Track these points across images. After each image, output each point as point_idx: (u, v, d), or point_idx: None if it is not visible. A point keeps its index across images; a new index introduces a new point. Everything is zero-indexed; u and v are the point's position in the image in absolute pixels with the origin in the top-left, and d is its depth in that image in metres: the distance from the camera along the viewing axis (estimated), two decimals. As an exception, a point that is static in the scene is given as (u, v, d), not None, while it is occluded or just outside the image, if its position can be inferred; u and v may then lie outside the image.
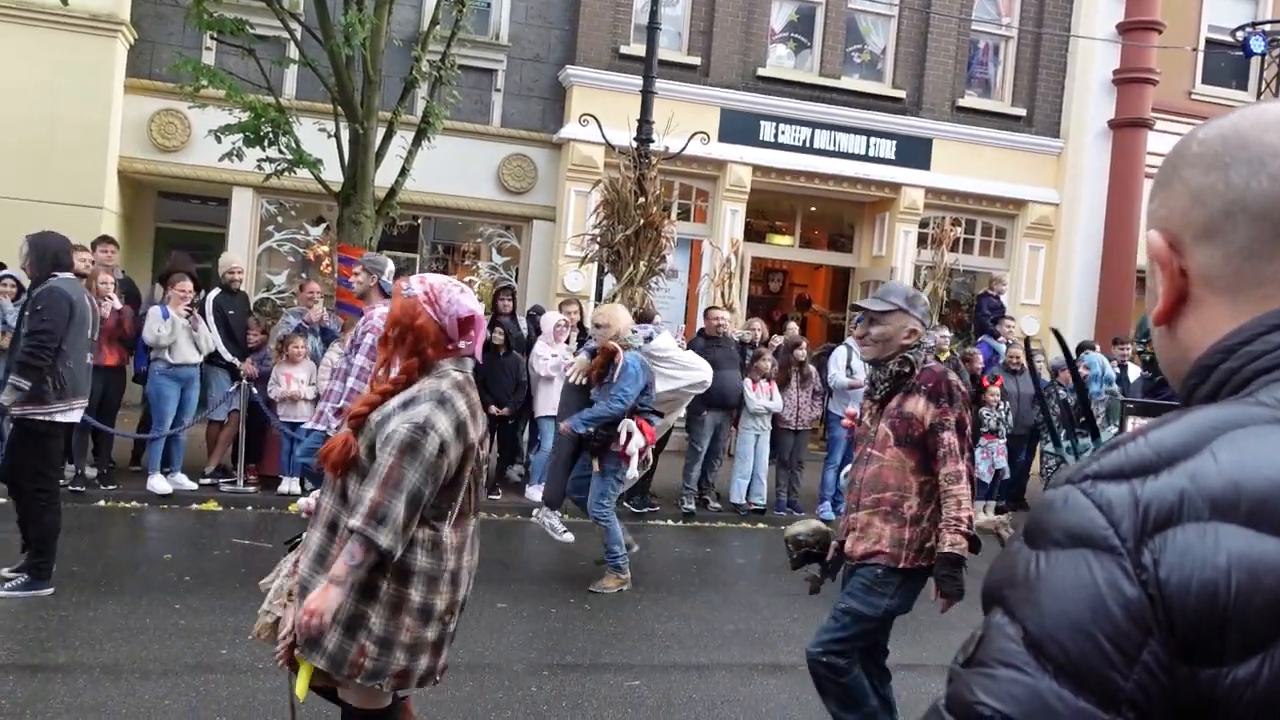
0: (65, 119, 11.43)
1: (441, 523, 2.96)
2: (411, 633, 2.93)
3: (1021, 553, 0.84)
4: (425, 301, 2.97)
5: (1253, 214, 0.89)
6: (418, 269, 13.60)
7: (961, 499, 3.60)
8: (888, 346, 3.82)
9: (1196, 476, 0.79)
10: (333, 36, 9.40)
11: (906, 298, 3.85)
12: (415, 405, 2.89)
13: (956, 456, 3.63)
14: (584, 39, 13.35)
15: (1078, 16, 14.83)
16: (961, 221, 14.68)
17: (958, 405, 3.69)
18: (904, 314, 3.79)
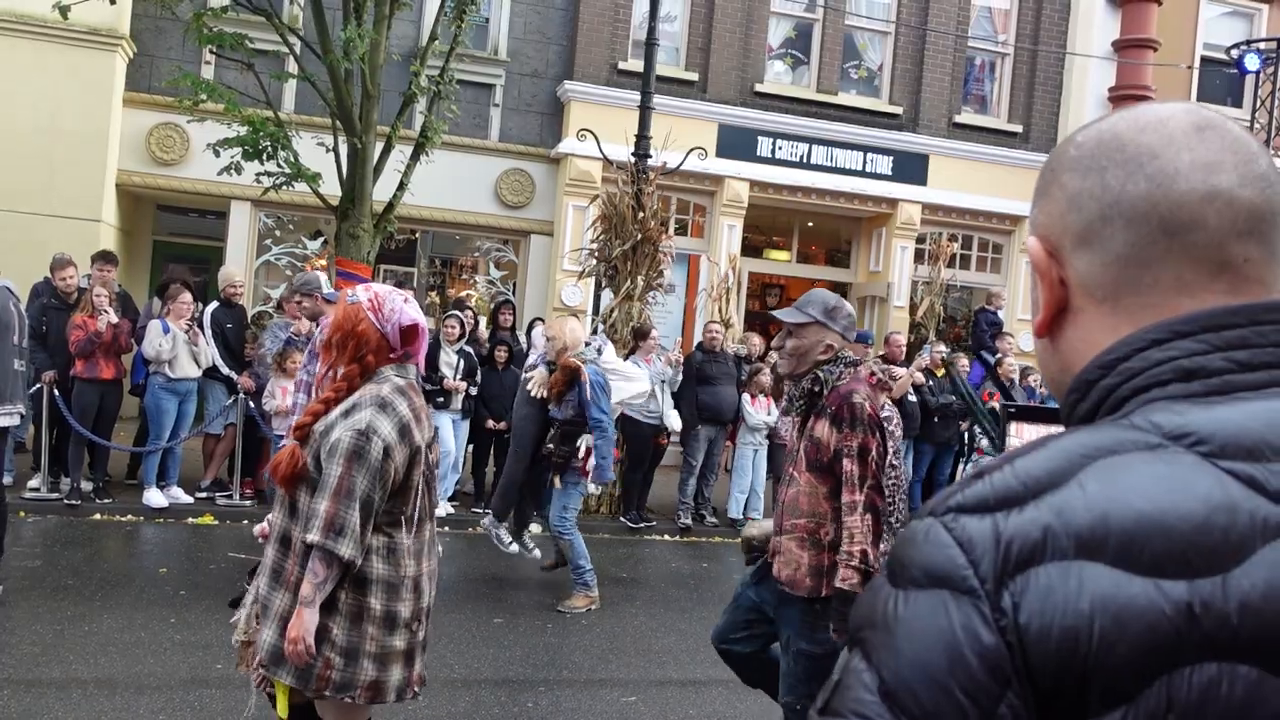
0: (64, 132, 11.45)
1: (396, 529, 2.94)
2: (377, 642, 2.90)
3: (883, 590, 0.78)
4: (369, 309, 2.96)
5: (1129, 217, 0.85)
6: (415, 283, 13.62)
7: (854, 531, 3.39)
8: (802, 361, 3.63)
9: (1063, 511, 0.73)
10: (332, 51, 9.42)
11: (826, 309, 3.64)
12: (357, 412, 2.87)
13: (854, 485, 3.41)
14: (582, 54, 13.40)
15: (1074, 34, 14.91)
16: (958, 237, 14.73)
17: (860, 430, 3.43)
18: (822, 327, 3.61)
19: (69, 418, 8.26)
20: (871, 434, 3.44)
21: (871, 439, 3.44)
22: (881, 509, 3.45)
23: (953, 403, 10.39)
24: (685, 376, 9.99)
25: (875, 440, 3.44)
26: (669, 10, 13.22)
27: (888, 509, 3.53)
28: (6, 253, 10.14)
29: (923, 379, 10.29)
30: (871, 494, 3.41)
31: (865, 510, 3.39)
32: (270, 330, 9.33)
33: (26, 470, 8.97)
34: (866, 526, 3.37)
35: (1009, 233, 15.08)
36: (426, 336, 3.10)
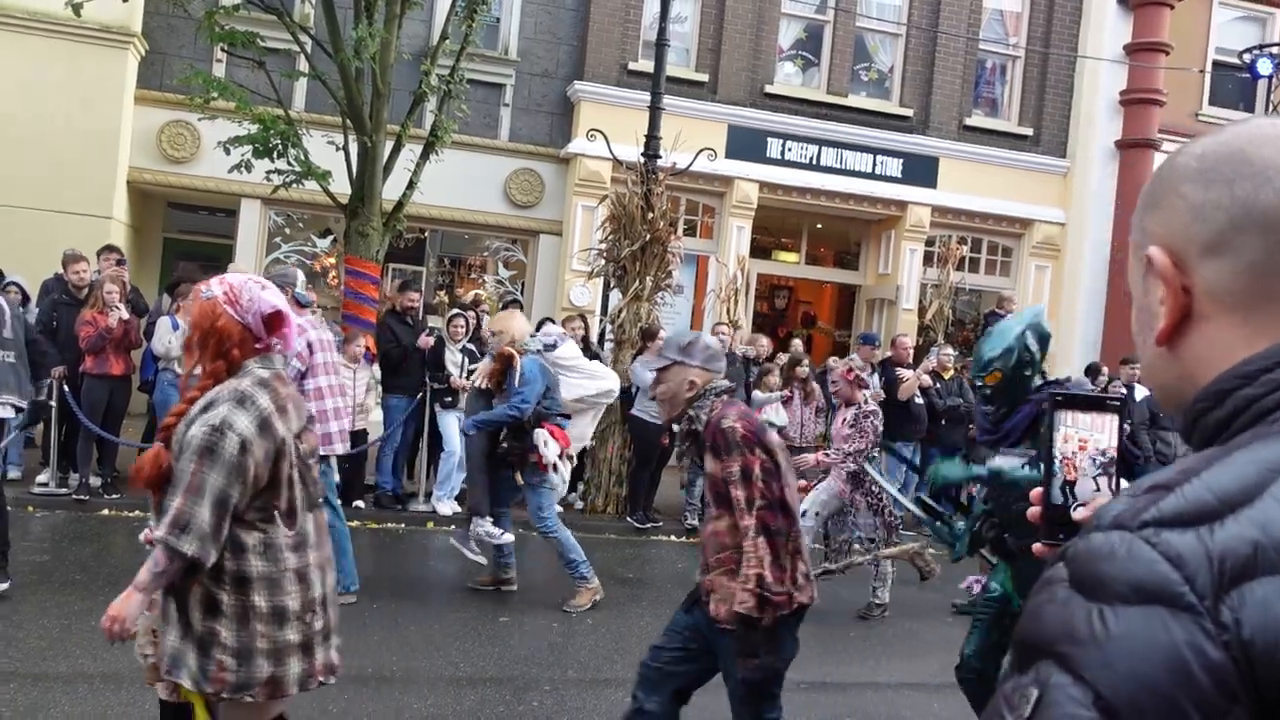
0: (76, 129, 11.49)
1: (270, 524, 2.87)
2: (268, 638, 2.85)
3: (1075, 604, 0.78)
4: (225, 302, 2.87)
5: (1262, 226, 0.88)
6: (424, 282, 13.64)
7: (748, 555, 3.33)
8: (674, 404, 3.66)
9: (1267, 525, 0.74)
10: (343, 50, 9.44)
11: (680, 348, 3.66)
12: (213, 408, 2.79)
13: (742, 510, 3.37)
14: (592, 55, 13.40)
15: (1085, 37, 14.86)
16: (968, 240, 14.70)
17: (736, 452, 3.39)
18: (682, 366, 3.62)
19: (78, 413, 8.29)
20: (749, 453, 3.39)
21: (752, 458, 3.39)
22: (776, 528, 3.37)
23: (960, 405, 10.37)
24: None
25: (757, 458, 3.39)
26: (679, 11, 13.22)
27: (784, 526, 3.41)
28: (18, 249, 10.19)
29: (930, 381, 10.27)
30: (763, 515, 3.36)
31: (757, 533, 3.34)
32: None
33: (35, 465, 9.00)
34: (762, 549, 3.32)
35: (1018, 236, 15.04)
36: (293, 323, 3.01)
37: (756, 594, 3.30)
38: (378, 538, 8.61)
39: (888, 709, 5.52)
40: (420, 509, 9.33)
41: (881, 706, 5.55)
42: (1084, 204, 14.71)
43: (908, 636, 7.01)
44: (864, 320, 14.96)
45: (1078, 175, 14.81)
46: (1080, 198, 14.77)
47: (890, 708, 5.55)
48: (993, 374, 4.06)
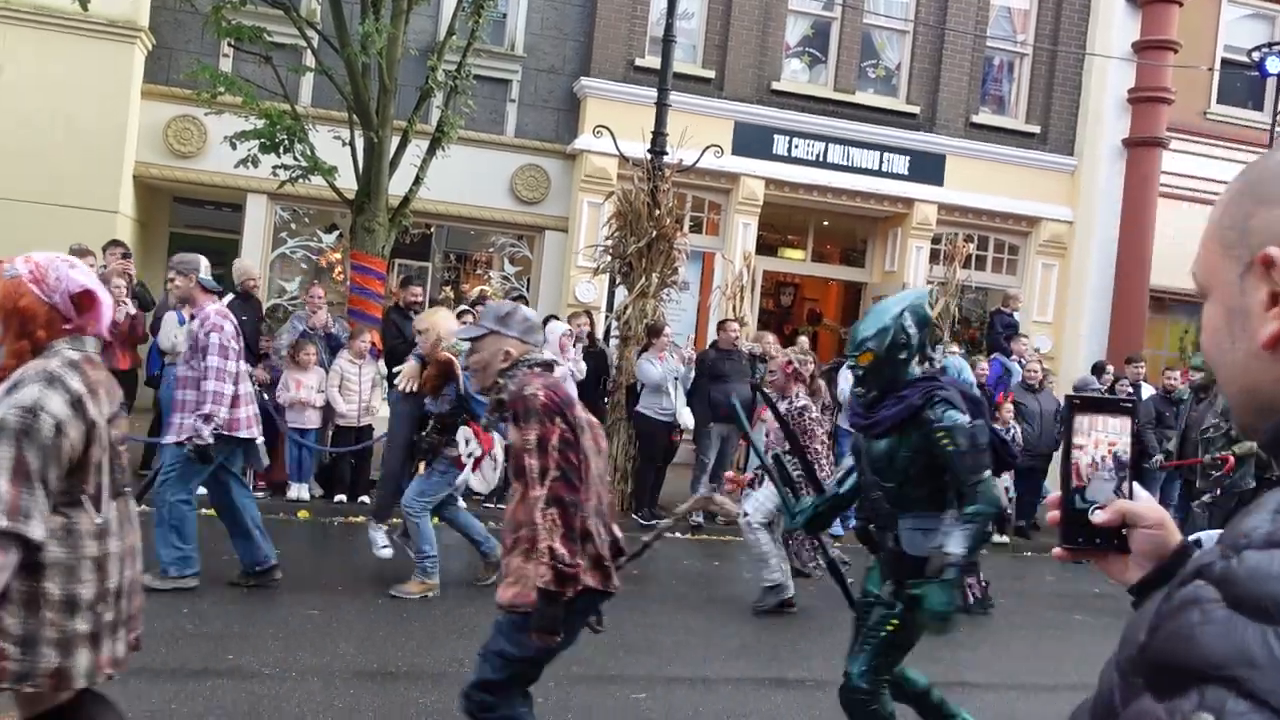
0: (82, 124, 11.50)
1: (75, 509, 2.76)
2: (57, 627, 2.72)
3: (1242, 626, 0.75)
4: (30, 280, 2.76)
5: None
6: (429, 277, 13.64)
7: (539, 527, 3.19)
8: (487, 374, 3.55)
9: None
10: (349, 45, 9.44)
11: (498, 317, 3.57)
12: (21, 388, 2.67)
13: (534, 480, 3.22)
14: (599, 51, 13.39)
15: (1093, 35, 14.82)
16: (974, 238, 14.67)
17: (535, 420, 3.25)
18: (498, 336, 3.52)
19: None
20: (549, 422, 3.25)
21: (550, 427, 3.24)
22: (570, 500, 3.22)
23: None
24: (698, 374, 9.99)
25: (556, 428, 3.25)
26: (686, 7, 13.19)
27: (579, 500, 3.26)
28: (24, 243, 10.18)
29: None
30: (556, 486, 3.21)
31: (549, 504, 3.19)
32: (290, 323, 9.38)
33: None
34: (552, 521, 3.18)
35: (1025, 234, 15.01)
36: (107, 304, 2.90)
37: (553, 566, 3.15)
38: (383, 533, 8.61)
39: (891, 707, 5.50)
40: (425, 505, 9.32)
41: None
42: (1091, 202, 14.67)
43: (913, 635, 6.99)
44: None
45: (1085, 173, 14.77)
46: (1088, 196, 14.73)
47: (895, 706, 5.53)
48: (865, 354, 3.86)
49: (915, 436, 3.79)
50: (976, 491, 3.69)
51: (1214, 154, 14.44)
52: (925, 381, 3.87)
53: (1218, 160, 14.20)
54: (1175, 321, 15.48)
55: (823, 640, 6.66)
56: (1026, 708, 5.75)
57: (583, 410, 3.47)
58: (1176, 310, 15.36)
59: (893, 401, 3.84)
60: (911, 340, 3.86)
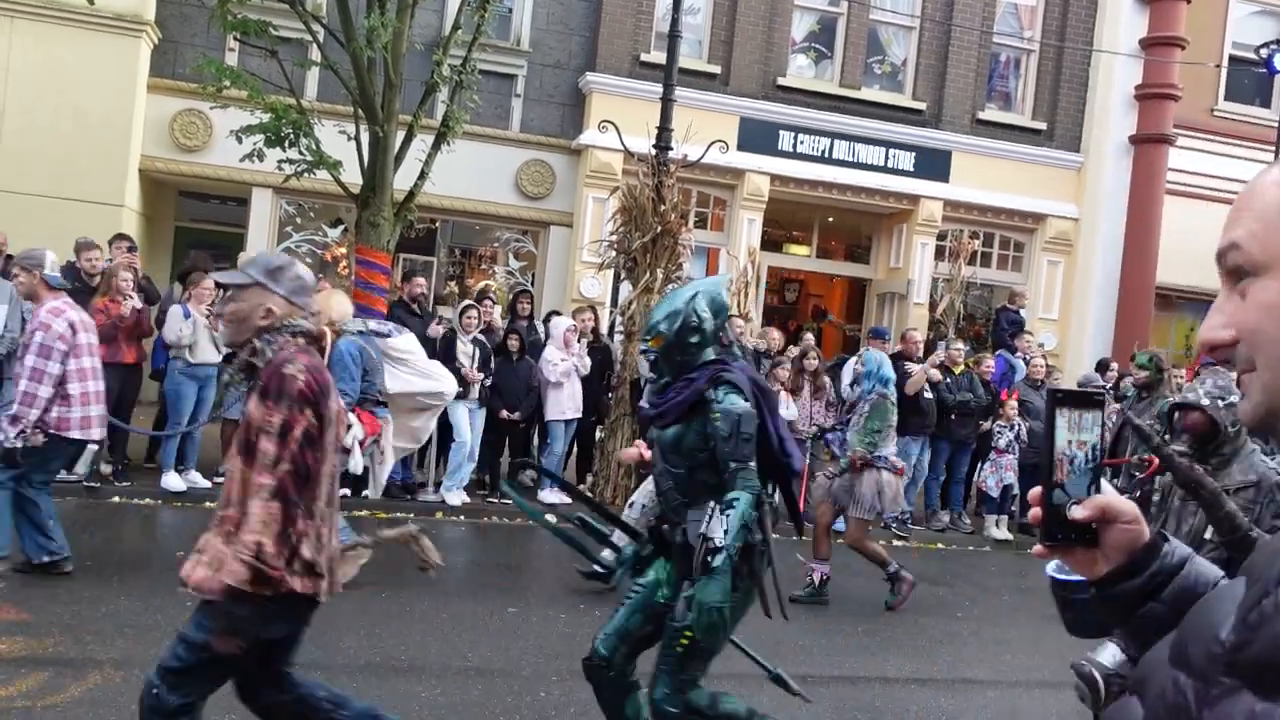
0: (88, 117, 11.51)
1: None
2: None
3: None
4: None
5: None
6: (434, 272, 13.64)
7: (253, 517, 2.94)
8: (242, 329, 3.19)
9: None
10: (355, 39, 9.44)
11: (268, 270, 3.23)
12: None
13: (265, 467, 2.97)
14: (604, 46, 13.37)
15: (1100, 31, 14.78)
16: (980, 234, 14.64)
17: (285, 405, 2.99)
18: (263, 290, 3.19)
19: (89, 401, 8.30)
20: (299, 411, 3.00)
21: (298, 416, 3.00)
22: (296, 498, 2.99)
23: (970, 400, 10.34)
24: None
25: (304, 419, 3.01)
26: (692, 2, 13.18)
27: (304, 498, 3.02)
28: (30, 236, 10.21)
29: (939, 375, 10.24)
30: (286, 479, 2.97)
31: (273, 496, 2.94)
32: None
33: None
34: (270, 515, 2.93)
35: (1031, 231, 14.98)
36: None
37: (253, 565, 2.90)
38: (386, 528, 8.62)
39: (895, 704, 5.52)
40: (429, 499, 9.34)
41: (889, 702, 5.55)
42: (1097, 199, 14.64)
43: (916, 632, 7.00)
44: (875, 314, 14.93)
45: (1091, 170, 14.74)
46: (1094, 193, 14.69)
47: (898, 703, 5.54)
48: (655, 337, 3.74)
49: (701, 420, 3.66)
50: (735, 478, 3.55)
51: (1221, 151, 14.40)
52: (714, 364, 3.73)
53: (1225, 157, 14.16)
54: (1181, 319, 15.45)
55: (824, 637, 6.66)
56: (1029, 704, 5.75)
57: (337, 399, 3.23)
58: (1182, 308, 15.32)
59: (681, 385, 3.73)
60: (704, 325, 3.73)
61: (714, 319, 3.76)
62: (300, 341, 3.19)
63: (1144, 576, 1.23)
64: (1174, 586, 1.23)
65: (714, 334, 3.77)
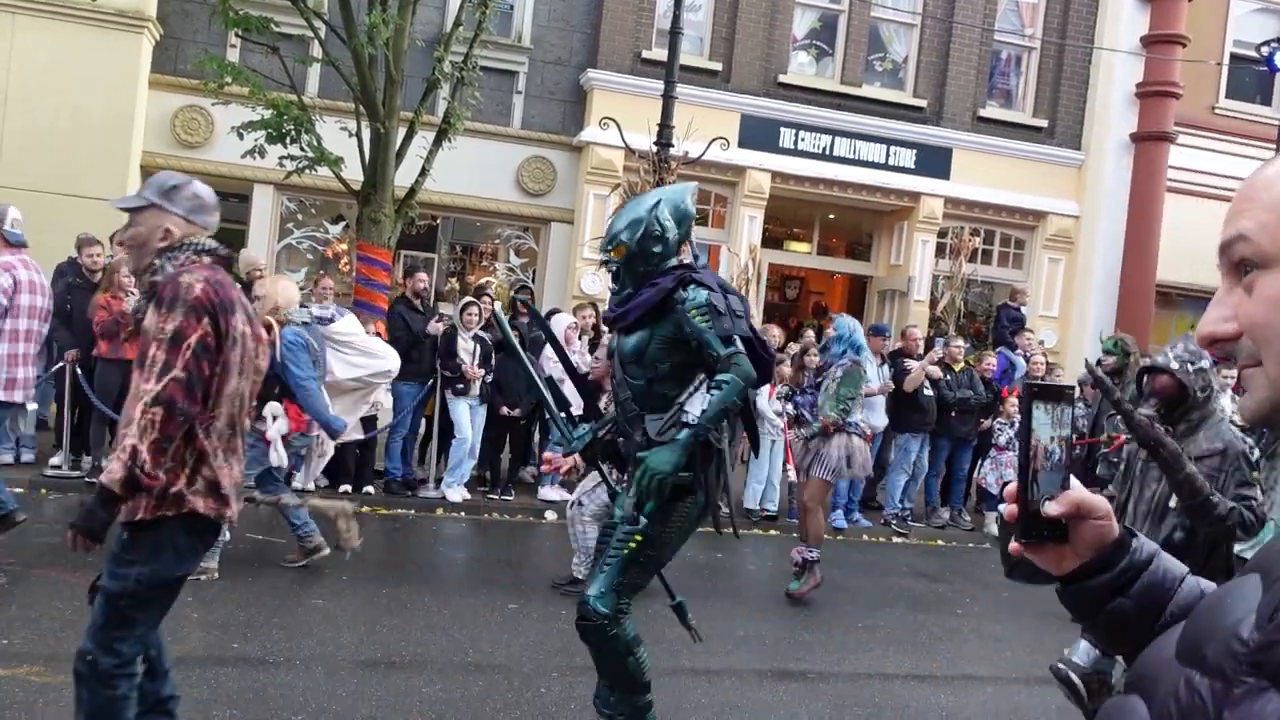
0: (89, 113, 11.52)
1: None
2: None
3: None
4: None
5: None
6: (435, 269, 13.65)
7: (131, 421, 2.81)
8: (143, 252, 3.11)
9: None
10: (356, 36, 9.45)
11: (163, 190, 3.14)
12: None
13: (152, 373, 2.82)
14: (606, 43, 13.38)
15: (1101, 29, 14.77)
16: (980, 232, 14.64)
17: (180, 312, 2.87)
18: (160, 211, 3.10)
19: (91, 397, 8.34)
20: (193, 318, 2.88)
21: (193, 324, 2.88)
22: (182, 408, 2.85)
23: (970, 397, 10.35)
24: (703, 366, 10.00)
25: (199, 328, 2.89)
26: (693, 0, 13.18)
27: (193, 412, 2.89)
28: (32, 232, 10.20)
29: (939, 372, 10.25)
30: (173, 387, 2.83)
31: (156, 403, 2.80)
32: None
33: (48, 448, 9.05)
34: (150, 421, 2.79)
35: (1032, 228, 14.98)
36: None
37: (128, 466, 2.77)
38: (387, 524, 8.64)
39: (895, 700, 5.53)
40: (430, 495, 9.36)
41: (889, 698, 5.56)
42: (1098, 197, 14.64)
43: (915, 628, 7.01)
44: (875, 311, 14.93)
45: (1092, 168, 14.74)
46: (1094, 190, 14.69)
47: (897, 699, 5.55)
48: (618, 247, 3.62)
49: (667, 325, 3.56)
50: (730, 363, 3.44)
51: (1222, 149, 14.40)
52: (680, 268, 3.65)
53: (1225, 155, 14.16)
54: (1182, 317, 15.44)
55: (824, 633, 6.68)
56: (1028, 701, 5.76)
57: (246, 323, 3.10)
58: (1183, 305, 15.33)
59: (647, 289, 3.62)
60: (667, 233, 3.65)
61: (677, 228, 3.67)
62: (205, 260, 3.10)
63: (1114, 572, 1.23)
64: (1142, 582, 1.23)
65: (677, 243, 3.68)
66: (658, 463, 3.40)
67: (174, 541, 2.97)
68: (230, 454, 3.08)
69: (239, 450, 3.14)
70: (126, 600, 2.96)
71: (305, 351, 6.51)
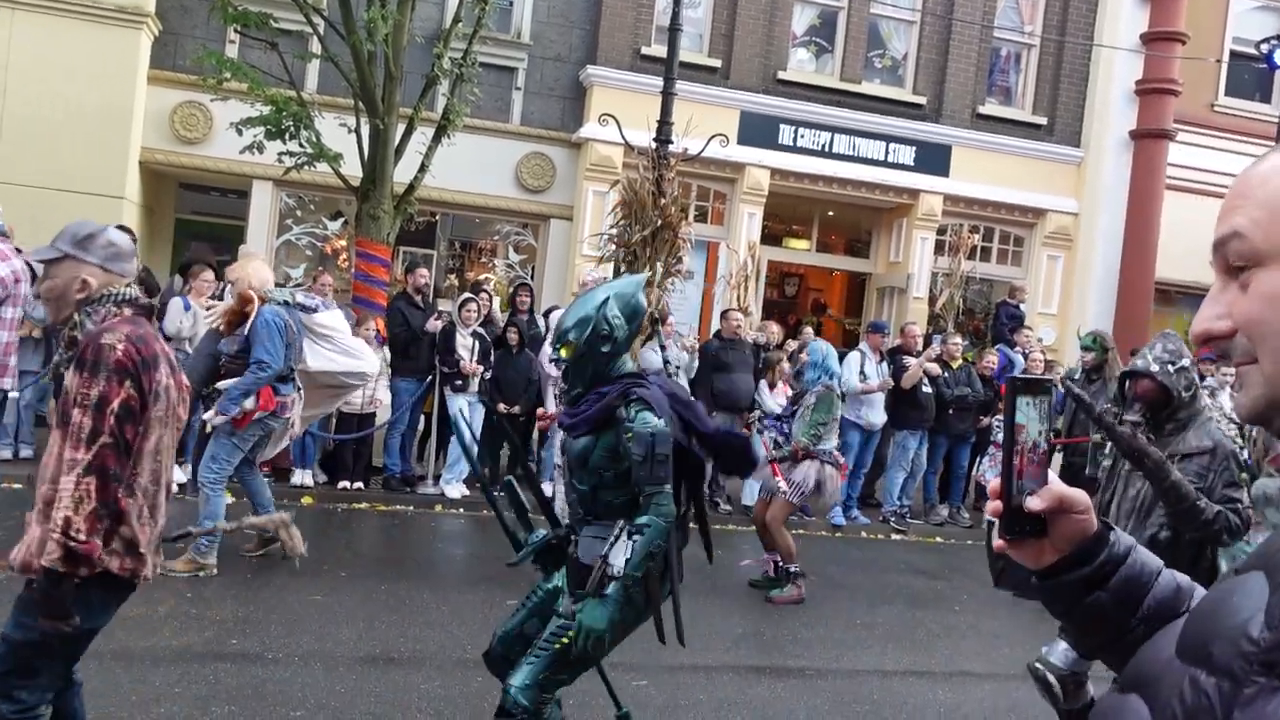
0: (88, 109, 11.50)
1: None
2: None
3: None
4: None
5: None
6: (434, 265, 13.64)
7: (64, 495, 2.78)
8: (62, 305, 3.07)
9: None
10: (355, 32, 9.44)
11: (76, 239, 3.06)
12: None
13: (80, 441, 2.81)
14: (605, 39, 13.36)
15: (1101, 26, 14.76)
16: (979, 229, 14.63)
17: (102, 376, 2.84)
18: (75, 261, 3.03)
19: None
20: (116, 383, 2.85)
21: (115, 389, 2.85)
22: (114, 473, 2.84)
23: (968, 394, 10.35)
24: (701, 364, 10.01)
25: (122, 391, 2.86)
26: (693, -4, 13.16)
27: (123, 474, 2.88)
28: (30, 228, 10.22)
29: (937, 369, 10.25)
30: (104, 454, 2.82)
31: (88, 472, 2.79)
32: None
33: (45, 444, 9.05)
34: (85, 492, 2.78)
35: (1031, 225, 14.98)
36: None
37: (62, 543, 2.75)
38: (386, 520, 8.65)
39: (893, 697, 5.54)
40: (429, 492, 9.36)
41: (887, 694, 5.57)
42: (1097, 194, 14.64)
43: (914, 625, 7.02)
44: (874, 308, 14.93)
45: (1091, 165, 14.73)
46: (1094, 188, 14.69)
47: (895, 696, 5.56)
48: (565, 346, 3.50)
49: (610, 436, 3.47)
50: (649, 503, 3.38)
51: (1221, 146, 14.39)
52: (628, 378, 3.54)
53: (1225, 153, 14.15)
54: (1181, 314, 15.45)
55: (823, 630, 6.69)
56: (1026, 698, 5.77)
57: (168, 374, 3.04)
58: (1182, 303, 15.33)
59: (594, 398, 3.52)
60: (616, 332, 3.50)
61: (627, 325, 3.53)
62: (126, 312, 3.04)
63: (1093, 566, 1.22)
64: (1120, 575, 1.23)
65: (627, 341, 3.55)
66: (591, 621, 3.38)
67: (86, 597, 2.89)
68: (154, 510, 3.05)
69: (161, 505, 3.10)
70: (30, 650, 2.90)
71: (279, 334, 6.37)
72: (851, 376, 9.99)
